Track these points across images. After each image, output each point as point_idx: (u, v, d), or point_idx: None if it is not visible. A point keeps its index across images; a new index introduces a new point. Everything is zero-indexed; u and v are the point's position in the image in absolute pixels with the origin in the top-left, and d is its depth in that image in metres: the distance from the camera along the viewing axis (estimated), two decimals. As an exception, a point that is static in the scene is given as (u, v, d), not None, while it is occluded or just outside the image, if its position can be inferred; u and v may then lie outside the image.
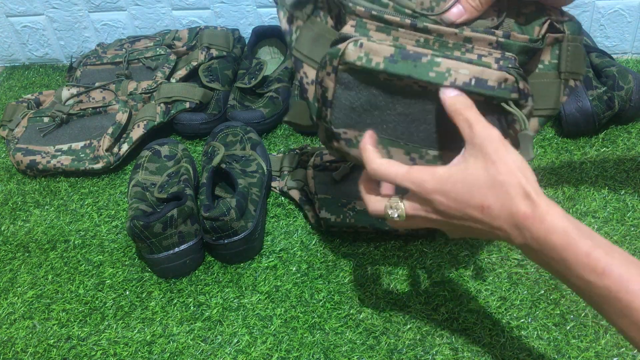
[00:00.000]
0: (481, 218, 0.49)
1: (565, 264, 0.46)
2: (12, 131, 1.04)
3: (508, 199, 0.48)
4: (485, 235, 0.51)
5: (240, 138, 0.93)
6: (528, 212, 0.47)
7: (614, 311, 0.45)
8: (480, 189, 0.49)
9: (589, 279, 0.45)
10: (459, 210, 0.50)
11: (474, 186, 0.49)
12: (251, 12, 1.19)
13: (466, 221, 0.50)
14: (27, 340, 0.74)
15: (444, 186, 0.50)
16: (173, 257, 0.77)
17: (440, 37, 0.53)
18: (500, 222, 0.49)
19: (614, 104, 0.90)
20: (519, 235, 0.48)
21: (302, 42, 0.61)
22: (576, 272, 0.46)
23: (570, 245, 0.46)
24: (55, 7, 1.23)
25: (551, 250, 0.47)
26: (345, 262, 0.79)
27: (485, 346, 0.68)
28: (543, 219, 0.47)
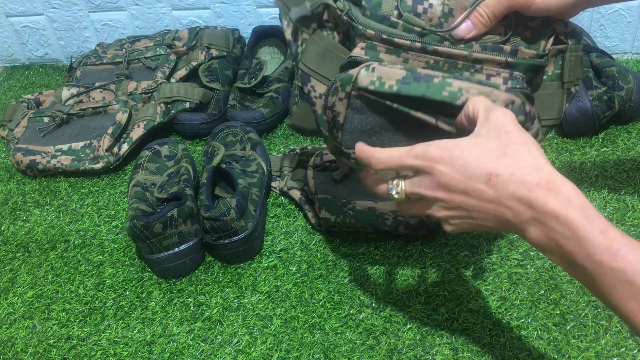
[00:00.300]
0: (485, 191, 0.47)
1: (577, 241, 0.44)
2: (12, 131, 1.04)
3: (520, 168, 0.46)
4: (486, 218, 0.49)
5: (240, 138, 0.93)
6: (542, 183, 0.45)
7: (624, 296, 0.43)
8: (490, 156, 0.47)
9: (601, 259, 0.43)
10: (462, 182, 0.47)
11: (483, 153, 0.47)
12: (251, 12, 1.19)
13: (469, 197, 0.48)
14: (27, 340, 0.74)
15: (450, 152, 0.48)
16: (173, 257, 0.77)
17: (449, 58, 0.54)
18: (507, 195, 0.46)
19: (614, 104, 0.90)
20: (527, 210, 0.46)
21: (309, 56, 0.60)
22: (588, 250, 0.44)
23: (587, 221, 0.44)
24: (55, 7, 1.23)
25: (564, 224, 0.44)
26: (345, 262, 0.79)
27: (485, 346, 0.68)
28: (559, 191, 0.45)
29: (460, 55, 0.53)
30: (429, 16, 0.54)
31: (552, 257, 0.47)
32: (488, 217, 0.49)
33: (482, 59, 0.53)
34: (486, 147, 0.47)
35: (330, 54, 0.59)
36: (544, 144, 0.93)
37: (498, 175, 0.46)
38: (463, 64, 0.54)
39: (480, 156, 0.47)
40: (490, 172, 0.46)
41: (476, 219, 0.49)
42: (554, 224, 0.45)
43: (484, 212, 0.48)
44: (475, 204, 0.48)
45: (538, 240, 0.47)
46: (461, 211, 0.50)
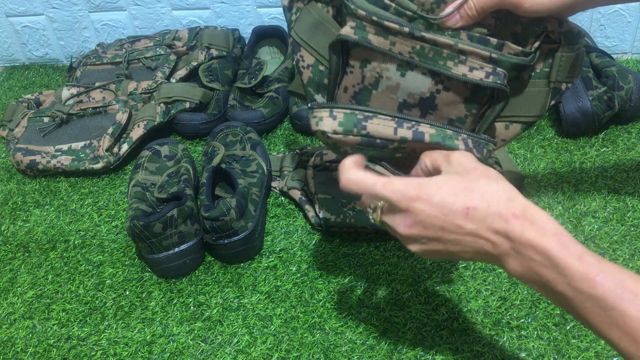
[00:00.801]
0: (463, 225, 0.48)
1: (556, 269, 0.45)
2: (12, 131, 1.04)
3: (495, 200, 0.47)
4: (464, 250, 0.49)
5: (240, 138, 0.93)
6: (518, 213, 0.46)
7: (607, 322, 0.43)
8: (463, 191, 0.48)
9: (580, 286, 0.43)
10: (440, 218, 0.48)
11: (457, 189, 0.48)
12: (251, 12, 1.19)
13: (445, 232, 0.48)
14: (27, 340, 0.74)
15: (427, 190, 0.49)
16: (173, 257, 0.77)
17: (435, 46, 0.54)
18: (485, 227, 0.47)
19: (614, 104, 0.90)
20: (505, 241, 0.47)
21: (301, 26, 0.61)
22: (567, 278, 0.44)
23: (562, 248, 0.44)
24: (55, 7, 1.23)
25: (541, 253, 0.45)
26: (345, 262, 0.79)
27: (485, 346, 0.68)
28: (533, 220, 0.46)
29: (446, 44, 0.53)
30: (422, 0, 0.54)
31: (534, 286, 0.48)
32: (466, 249, 0.49)
33: (467, 50, 0.53)
34: (458, 183, 0.48)
35: (322, 27, 0.59)
36: (544, 144, 0.93)
37: (475, 208, 0.47)
38: (448, 52, 0.54)
39: (455, 192, 0.48)
40: (467, 206, 0.47)
41: (453, 252, 0.50)
42: (531, 254, 0.46)
43: (462, 245, 0.49)
44: (453, 238, 0.49)
45: (517, 271, 0.47)
46: (437, 245, 0.50)
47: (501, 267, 0.49)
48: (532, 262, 0.46)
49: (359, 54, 0.56)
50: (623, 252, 0.76)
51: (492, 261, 0.49)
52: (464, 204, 0.47)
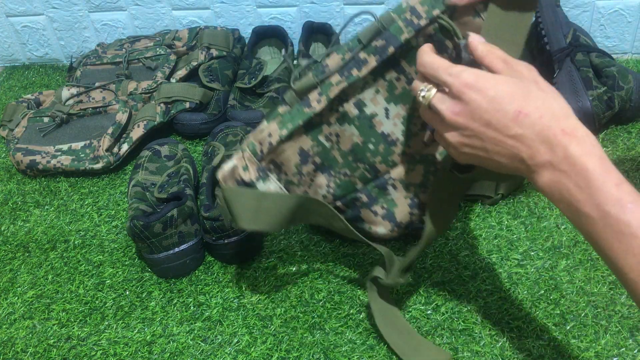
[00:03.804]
0: (510, 126, 0.48)
1: (589, 190, 0.45)
2: (12, 131, 1.04)
3: (549, 112, 0.48)
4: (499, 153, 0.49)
5: (240, 138, 0.93)
6: (568, 130, 0.47)
7: (625, 249, 0.43)
8: (522, 95, 0.48)
9: (609, 210, 0.44)
10: (489, 112, 0.48)
11: (516, 91, 0.48)
12: (251, 12, 1.19)
13: (489, 129, 0.49)
14: (27, 340, 0.74)
15: (484, 82, 0.49)
16: (173, 257, 0.77)
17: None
18: (531, 134, 0.47)
19: (614, 104, 0.90)
20: (547, 152, 0.47)
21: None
22: (598, 200, 0.44)
23: (604, 172, 0.45)
24: (55, 7, 1.23)
25: (580, 171, 0.45)
26: (345, 262, 0.79)
27: (485, 346, 0.68)
28: (582, 140, 0.46)
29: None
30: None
31: (559, 204, 0.48)
32: (503, 152, 0.49)
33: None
34: (517, 86, 0.49)
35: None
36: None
37: (527, 114, 0.48)
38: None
39: (513, 93, 0.48)
40: (520, 110, 0.48)
41: (489, 151, 0.50)
42: (570, 170, 0.46)
43: (501, 146, 0.49)
44: (495, 136, 0.49)
45: (547, 185, 0.48)
46: (476, 141, 0.50)
47: (529, 179, 0.49)
48: (567, 179, 0.46)
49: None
50: (623, 252, 0.76)
51: (524, 171, 0.49)
52: (518, 107, 0.48)
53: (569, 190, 0.46)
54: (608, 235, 0.44)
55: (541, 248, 0.78)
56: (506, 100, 0.48)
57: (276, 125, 0.62)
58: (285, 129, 0.62)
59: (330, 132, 0.63)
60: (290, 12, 1.17)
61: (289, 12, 1.18)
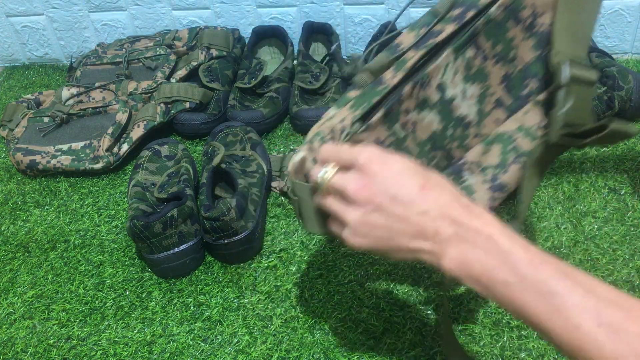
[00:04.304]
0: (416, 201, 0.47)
1: (501, 256, 0.45)
2: (12, 131, 1.04)
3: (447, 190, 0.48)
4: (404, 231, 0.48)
5: (240, 138, 0.93)
6: (465, 204, 0.48)
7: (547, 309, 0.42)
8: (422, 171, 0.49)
9: (525, 272, 0.43)
10: (395, 186, 0.48)
11: (417, 167, 0.49)
12: (251, 12, 1.19)
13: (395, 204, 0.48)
14: (27, 340, 0.74)
15: (389, 158, 0.49)
16: (173, 257, 0.77)
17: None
18: (434, 209, 0.47)
19: (614, 104, 0.90)
20: (451, 226, 0.46)
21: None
22: (511, 264, 0.44)
23: (509, 238, 0.45)
24: (55, 7, 1.23)
25: (487, 240, 0.45)
26: (345, 262, 0.79)
27: (485, 346, 0.68)
28: (482, 214, 0.47)
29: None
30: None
31: (469, 280, 0.47)
32: (406, 230, 0.48)
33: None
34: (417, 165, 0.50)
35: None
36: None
37: (430, 189, 0.48)
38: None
39: (416, 169, 0.49)
40: (424, 184, 0.48)
41: (392, 230, 0.49)
42: (477, 239, 0.46)
43: (405, 223, 0.48)
44: (400, 212, 0.48)
45: (455, 262, 0.47)
46: (378, 218, 0.49)
47: (434, 262, 0.48)
48: (475, 248, 0.46)
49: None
50: (623, 252, 0.76)
51: (426, 252, 0.48)
52: (422, 181, 0.48)
53: (480, 261, 0.45)
54: (529, 298, 0.43)
55: (541, 248, 0.77)
56: (411, 174, 0.48)
57: (347, 109, 0.58)
58: (360, 110, 0.57)
59: (406, 120, 0.60)
60: (290, 12, 1.17)
61: (289, 12, 1.18)
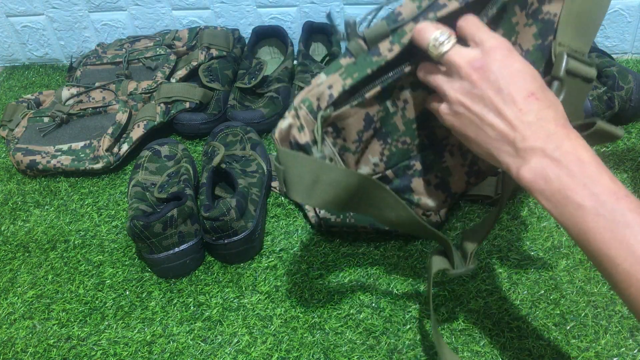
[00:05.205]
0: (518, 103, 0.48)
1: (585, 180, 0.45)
2: (12, 131, 1.04)
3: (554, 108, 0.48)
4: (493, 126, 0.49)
5: (240, 138, 0.93)
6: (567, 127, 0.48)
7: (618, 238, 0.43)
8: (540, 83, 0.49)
9: (605, 199, 0.44)
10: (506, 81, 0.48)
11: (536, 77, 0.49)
12: (251, 12, 1.19)
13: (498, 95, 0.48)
14: (27, 340, 0.74)
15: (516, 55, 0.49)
16: (173, 257, 0.77)
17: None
18: (532, 119, 0.47)
19: (614, 104, 0.90)
20: (541, 139, 0.47)
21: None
22: (594, 189, 0.44)
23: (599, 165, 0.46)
24: (55, 7, 1.23)
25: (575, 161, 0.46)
26: (345, 262, 0.79)
27: (485, 346, 0.68)
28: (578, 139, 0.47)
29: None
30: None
31: (539, 193, 0.47)
32: (497, 126, 0.49)
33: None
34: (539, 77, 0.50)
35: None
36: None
37: (538, 100, 0.48)
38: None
39: (534, 77, 0.49)
40: (534, 92, 0.48)
41: (484, 121, 0.50)
42: (563, 159, 0.46)
43: (499, 119, 0.49)
44: (499, 106, 0.49)
45: (532, 173, 0.47)
46: (477, 104, 0.50)
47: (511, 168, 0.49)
48: (558, 167, 0.46)
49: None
50: (623, 252, 0.76)
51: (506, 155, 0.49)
52: (533, 89, 0.48)
53: (559, 178, 0.46)
54: (599, 225, 0.44)
55: (541, 248, 0.78)
56: (527, 79, 0.49)
57: (338, 76, 0.56)
58: (350, 79, 0.55)
59: (399, 96, 0.59)
60: (290, 12, 1.17)
61: (289, 12, 1.18)
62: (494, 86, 0.49)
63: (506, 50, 0.49)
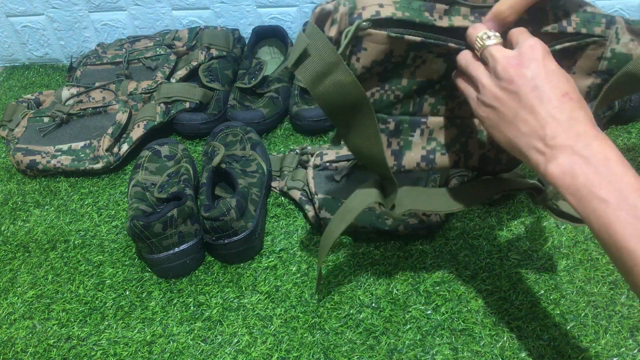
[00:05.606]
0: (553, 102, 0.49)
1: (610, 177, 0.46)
2: (12, 131, 1.04)
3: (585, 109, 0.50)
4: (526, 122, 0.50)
5: (240, 138, 0.93)
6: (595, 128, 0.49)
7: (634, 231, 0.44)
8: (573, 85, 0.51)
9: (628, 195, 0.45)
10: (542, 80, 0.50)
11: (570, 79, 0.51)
12: (251, 12, 1.19)
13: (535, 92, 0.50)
14: (27, 340, 0.74)
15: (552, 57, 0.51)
16: (173, 257, 0.77)
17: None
18: (565, 118, 0.49)
19: (614, 104, 0.90)
20: (571, 138, 0.48)
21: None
22: (618, 185, 0.46)
23: (624, 164, 0.47)
24: (55, 7, 1.23)
25: (601, 160, 0.47)
26: (345, 262, 0.79)
27: (485, 346, 0.68)
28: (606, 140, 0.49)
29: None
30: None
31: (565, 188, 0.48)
32: (530, 122, 0.51)
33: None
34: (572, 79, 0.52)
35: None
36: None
37: (571, 100, 0.50)
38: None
39: (568, 79, 0.51)
40: (567, 92, 0.50)
41: (517, 116, 0.51)
42: (590, 157, 0.47)
43: (532, 116, 0.50)
44: (533, 104, 0.50)
45: (560, 169, 0.49)
46: (511, 100, 0.51)
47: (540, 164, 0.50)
48: (585, 164, 0.47)
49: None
50: (623, 252, 0.76)
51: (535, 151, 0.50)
52: (567, 90, 0.50)
53: (585, 174, 0.47)
54: (622, 219, 0.45)
55: (541, 248, 0.78)
56: (562, 80, 0.50)
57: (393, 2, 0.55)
58: (401, 13, 0.55)
59: (422, 55, 0.59)
60: (290, 12, 1.17)
61: (289, 12, 1.18)
62: (531, 84, 0.50)
63: (543, 51, 0.51)
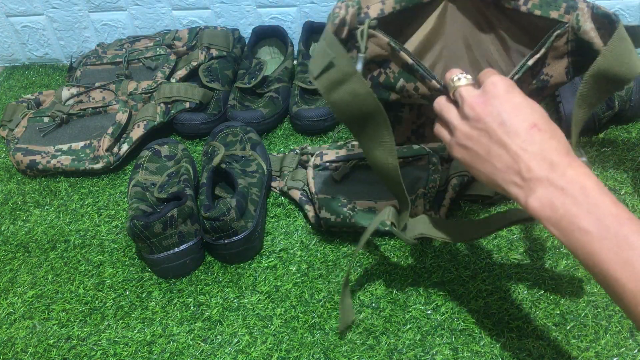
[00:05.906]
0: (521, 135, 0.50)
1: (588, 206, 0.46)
2: (12, 131, 1.04)
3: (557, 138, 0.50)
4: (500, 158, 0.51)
5: (240, 138, 0.93)
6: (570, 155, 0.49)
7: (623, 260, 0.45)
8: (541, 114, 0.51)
9: (609, 224, 0.46)
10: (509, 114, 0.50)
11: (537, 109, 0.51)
12: (251, 12, 1.19)
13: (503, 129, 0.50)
14: (27, 340, 0.74)
15: (515, 90, 0.52)
16: (173, 257, 0.77)
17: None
18: (537, 150, 0.49)
19: (614, 104, 0.90)
20: (546, 169, 0.48)
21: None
22: (597, 214, 0.46)
23: (601, 191, 0.47)
24: (55, 7, 1.23)
25: (579, 189, 0.47)
26: (345, 262, 0.79)
27: (485, 346, 0.68)
28: (581, 166, 0.49)
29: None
30: None
31: (547, 220, 0.49)
32: (503, 158, 0.51)
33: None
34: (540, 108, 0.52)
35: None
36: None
37: (541, 131, 0.50)
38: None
39: (535, 109, 0.51)
40: (536, 124, 0.50)
41: (490, 153, 0.52)
42: (567, 187, 0.48)
43: (504, 151, 0.51)
44: (503, 139, 0.51)
45: (539, 202, 0.49)
46: (483, 137, 0.52)
47: (520, 198, 0.50)
48: (563, 195, 0.48)
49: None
50: (623, 252, 0.76)
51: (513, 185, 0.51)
52: (535, 121, 0.50)
53: (564, 206, 0.47)
54: (605, 248, 0.46)
55: (541, 248, 0.78)
56: (527, 111, 0.51)
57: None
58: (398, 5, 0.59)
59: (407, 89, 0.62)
60: (290, 12, 1.17)
61: (289, 12, 1.18)
62: (497, 120, 0.51)
63: (506, 85, 0.52)
